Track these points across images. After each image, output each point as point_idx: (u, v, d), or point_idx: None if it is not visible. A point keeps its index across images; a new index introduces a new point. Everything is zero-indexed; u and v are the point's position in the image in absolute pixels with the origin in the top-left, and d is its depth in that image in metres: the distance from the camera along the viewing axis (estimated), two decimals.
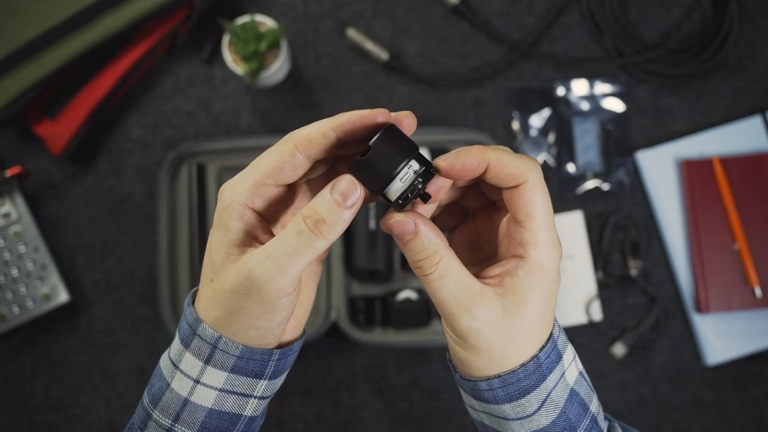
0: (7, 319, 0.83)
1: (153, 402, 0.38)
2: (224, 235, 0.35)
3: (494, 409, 0.37)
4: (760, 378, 0.85)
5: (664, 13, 0.89)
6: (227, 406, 0.38)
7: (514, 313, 0.35)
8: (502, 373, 0.36)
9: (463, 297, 0.35)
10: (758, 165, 0.85)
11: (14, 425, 0.85)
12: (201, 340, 0.36)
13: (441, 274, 0.35)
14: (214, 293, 0.36)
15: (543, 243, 0.35)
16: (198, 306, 0.37)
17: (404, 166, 0.34)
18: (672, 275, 0.86)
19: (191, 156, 0.84)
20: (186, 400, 0.37)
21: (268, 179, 0.35)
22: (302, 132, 0.35)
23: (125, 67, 0.83)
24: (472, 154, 0.35)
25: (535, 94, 0.88)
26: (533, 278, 0.35)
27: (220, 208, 0.36)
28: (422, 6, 0.89)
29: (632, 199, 0.87)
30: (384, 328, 0.83)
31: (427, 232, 0.35)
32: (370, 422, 0.85)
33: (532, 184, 0.35)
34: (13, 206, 0.84)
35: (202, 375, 0.37)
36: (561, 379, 0.38)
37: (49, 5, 0.78)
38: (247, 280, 0.34)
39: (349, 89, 0.88)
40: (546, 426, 0.37)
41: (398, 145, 0.34)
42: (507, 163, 0.35)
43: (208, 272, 0.36)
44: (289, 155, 0.35)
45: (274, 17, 0.87)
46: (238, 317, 0.35)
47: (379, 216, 0.82)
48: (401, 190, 0.35)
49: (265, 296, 0.34)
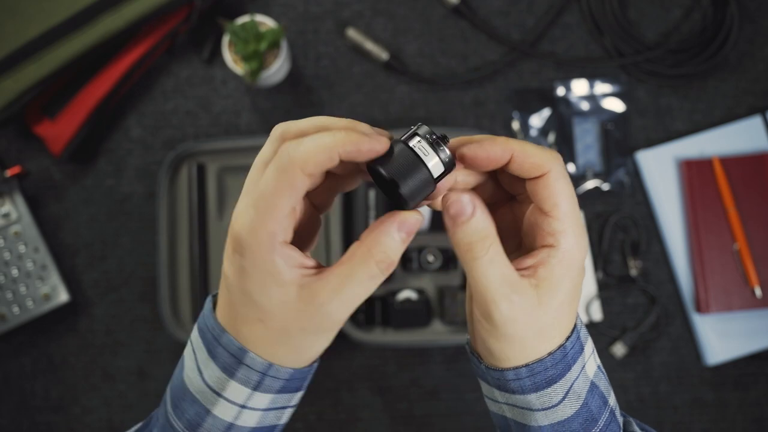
0: (7, 319, 0.83)
1: (190, 428, 0.37)
2: (270, 278, 0.33)
3: (519, 399, 0.38)
4: (760, 378, 0.85)
5: (664, 13, 0.89)
6: (268, 421, 0.38)
7: (547, 303, 0.35)
8: (530, 362, 0.36)
9: (506, 284, 0.35)
10: (758, 165, 0.85)
11: (14, 425, 0.85)
12: (249, 369, 0.36)
13: (491, 258, 0.34)
14: (269, 333, 0.35)
15: (572, 231, 0.36)
16: (241, 338, 0.36)
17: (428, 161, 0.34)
18: (672, 275, 0.86)
19: (191, 156, 0.84)
20: (231, 424, 0.37)
21: (282, 211, 0.33)
22: (302, 152, 0.33)
23: (125, 67, 0.83)
24: (498, 143, 0.35)
25: (535, 94, 0.88)
26: (565, 267, 0.36)
27: (249, 255, 0.33)
28: (422, 6, 0.89)
29: (632, 199, 0.87)
30: (384, 328, 0.83)
31: (485, 214, 0.35)
32: (370, 422, 0.85)
33: (556, 173, 0.35)
34: (13, 206, 0.84)
35: (249, 400, 0.37)
36: (582, 371, 0.38)
37: (49, 5, 0.78)
38: (324, 320, 0.34)
39: (349, 89, 0.88)
40: (569, 416, 0.38)
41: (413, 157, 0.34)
42: (531, 153, 0.35)
43: (252, 314, 0.34)
44: (299, 184, 0.33)
45: (274, 17, 0.87)
46: (304, 349, 0.36)
47: (379, 213, 0.82)
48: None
49: (336, 328, 0.35)
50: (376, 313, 0.83)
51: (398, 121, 0.87)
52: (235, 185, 0.85)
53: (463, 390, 0.85)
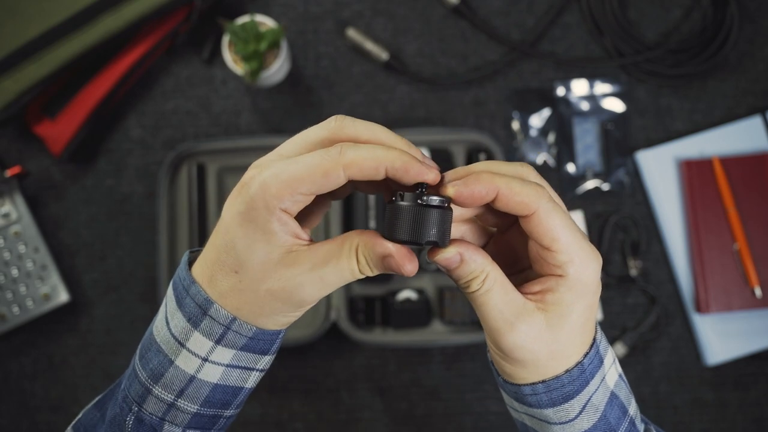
0: (7, 319, 0.83)
1: (153, 377, 0.38)
2: (261, 234, 0.34)
3: (537, 412, 0.38)
4: (760, 378, 0.85)
5: (664, 13, 0.89)
6: (231, 380, 0.38)
7: (557, 326, 0.36)
8: (546, 378, 0.37)
9: (507, 311, 0.35)
10: (758, 165, 0.85)
11: (14, 425, 0.85)
12: (213, 320, 0.36)
13: (487, 288, 0.35)
14: (240, 285, 0.35)
15: (578, 259, 0.35)
16: (211, 289, 0.36)
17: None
18: (672, 275, 0.86)
19: (191, 156, 0.84)
20: (192, 377, 0.37)
21: (304, 188, 0.34)
22: (355, 155, 0.33)
23: (125, 67, 0.83)
24: (482, 182, 0.34)
25: (535, 94, 0.88)
26: (575, 293, 0.36)
27: (251, 205, 0.34)
28: (422, 6, 0.89)
29: (632, 199, 0.87)
30: (384, 328, 0.83)
31: (473, 257, 0.35)
32: (370, 422, 0.85)
33: (545, 209, 0.34)
34: (13, 206, 0.84)
35: (211, 354, 0.37)
36: (602, 383, 0.38)
37: (49, 5, 0.78)
38: (292, 291, 0.35)
39: (349, 89, 0.88)
40: (587, 430, 0.38)
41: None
42: (516, 191, 0.34)
43: (230, 263, 0.35)
44: (334, 174, 0.33)
45: (274, 17, 0.87)
46: (267, 313, 0.36)
47: (379, 216, 0.82)
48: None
49: (303, 305, 0.36)
50: (376, 313, 0.83)
51: (398, 121, 0.87)
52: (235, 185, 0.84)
53: (463, 390, 0.85)
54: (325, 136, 0.35)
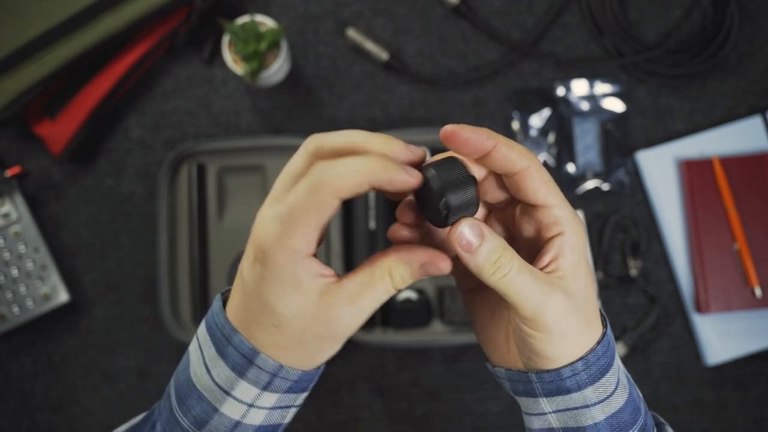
0: (7, 319, 0.83)
1: (197, 425, 0.38)
2: (290, 288, 0.34)
3: (575, 398, 0.38)
4: (760, 378, 0.85)
5: (664, 13, 0.89)
6: (273, 419, 0.39)
7: (577, 291, 0.36)
8: (583, 354, 0.37)
9: (541, 287, 0.35)
10: (758, 165, 0.85)
11: (14, 425, 0.85)
12: (259, 369, 0.36)
13: (519, 267, 0.35)
14: (283, 338, 0.35)
15: (571, 214, 0.37)
16: (257, 342, 0.36)
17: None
18: (672, 275, 0.86)
19: (191, 156, 0.84)
20: (238, 422, 0.38)
21: (311, 232, 0.34)
22: (336, 179, 0.33)
23: (125, 67, 0.83)
24: (483, 131, 0.35)
25: (535, 94, 0.88)
26: (578, 251, 0.36)
27: (273, 267, 0.34)
28: (422, 6, 0.89)
29: (632, 199, 0.87)
30: (384, 328, 0.83)
31: (493, 233, 0.35)
32: (370, 422, 0.85)
33: (537, 166, 0.36)
34: (13, 206, 0.84)
35: (257, 400, 0.37)
36: (619, 361, 0.39)
37: (49, 5, 0.78)
38: (336, 330, 0.35)
39: (349, 89, 0.88)
40: (622, 406, 0.38)
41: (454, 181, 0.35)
42: (513, 145, 0.36)
43: (268, 320, 0.35)
44: (328, 206, 0.33)
45: (274, 17, 0.87)
46: (315, 354, 0.37)
47: (379, 216, 0.82)
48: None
49: (346, 336, 0.36)
50: (376, 313, 0.83)
51: (398, 121, 0.87)
52: (235, 185, 0.85)
53: (463, 390, 0.85)
54: (305, 160, 0.35)
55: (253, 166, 0.84)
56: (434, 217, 0.35)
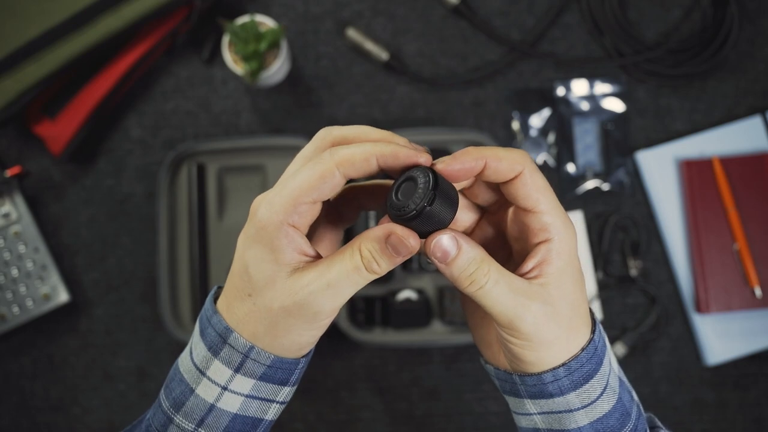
0: (7, 319, 0.83)
1: (175, 406, 0.38)
2: (269, 253, 0.35)
3: (558, 402, 0.38)
4: (760, 378, 0.85)
5: (664, 13, 0.89)
6: (251, 410, 0.38)
7: (559, 298, 0.36)
8: (566, 361, 0.37)
9: (520, 297, 0.35)
10: (758, 165, 0.85)
11: (14, 425, 0.85)
12: (232, 348, 0.37)
13: (496, 279, 0.35)
14: (255, 308, 0.36)
15: (560, 220, 0.36)
16: (229, 317, 0.37)
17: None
18: (672, 275, 0.86)
19: (191, 156, 0.84)
20: (212, 405, 0.38)
21: (307, 197, 0.34)
22: (345, 152, 0.34)
23: (125, 67, 0.83)
24: (470, 154, 0.35)
25: (535, 94, 0.88)
26: (565, 258, 0.36)
27: (259, 225, 0.35)
28: (422, 6, 0.89)
29: (632, 199, 0.87)
30: (384, 328, 0.83)
31: (470, 243, 0.35)
32: (370, 422, 0.85)
33: (530, 170, 0.36)
34: (13, 206, 0.84)
35: (231, 382, 0.37)
36: (611, 365, 0.39)
37: (49, 5, 0.78)
38: (304, 303, 0.35)
39: (349, 89, 0.88)
40: (608, 411, 0.38)
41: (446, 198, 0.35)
42: (502, 156, 0.35)
43: (244, 287, 0.36)
44: (329, 175, 0.34)
45: (274, 17, 0.87)
46: (284, 333, 0.36)
47: (379, 217, 0.82)
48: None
49: (318, 318, 0.36)
50: (376, 313, 0.83)
51: (398, 121, 0.87)
52: (235, 185, 0.85)
53: (463, 390, 0.85)
54: (317, 146, 0.37)
55: (253, 166, 0.84)
56: (400, 216, 0.35)
